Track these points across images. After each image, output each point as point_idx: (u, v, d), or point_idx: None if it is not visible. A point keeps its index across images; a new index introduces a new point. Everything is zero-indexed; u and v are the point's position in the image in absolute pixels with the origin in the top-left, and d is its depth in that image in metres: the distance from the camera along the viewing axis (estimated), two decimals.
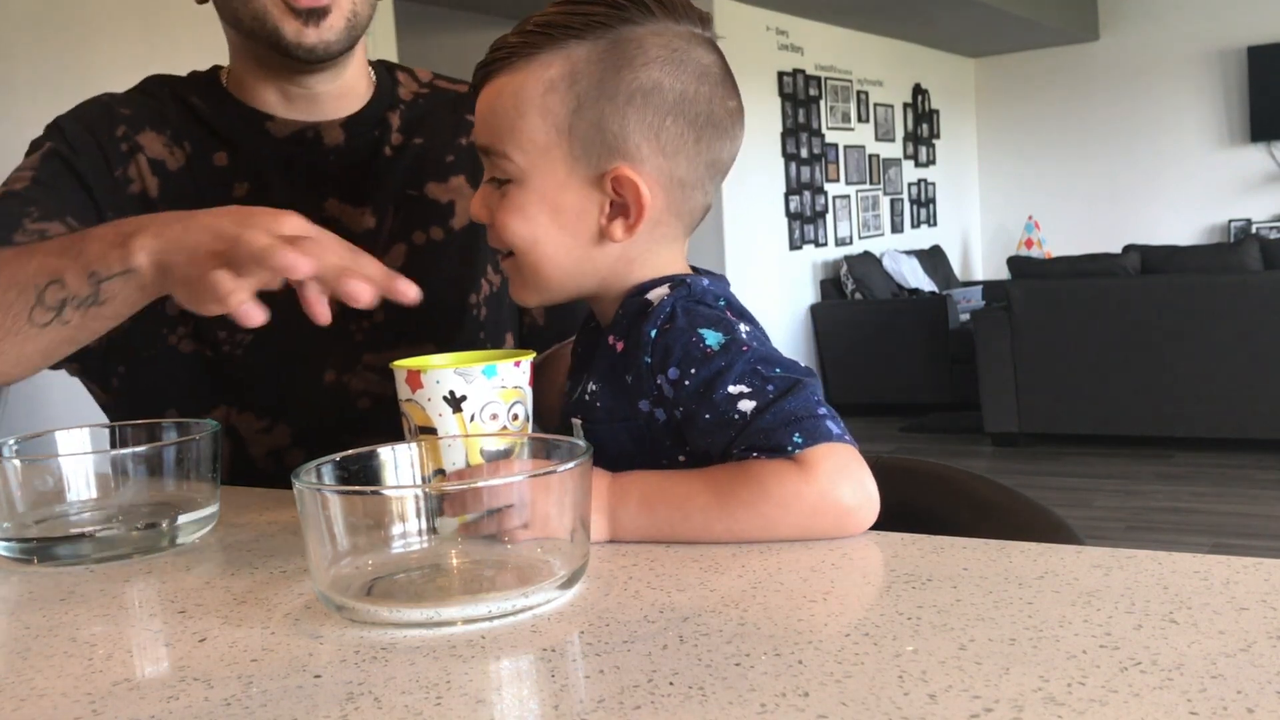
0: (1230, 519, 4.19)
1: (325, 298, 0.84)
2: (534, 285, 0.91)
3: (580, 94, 0.85)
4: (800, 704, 0.51)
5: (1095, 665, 0.53)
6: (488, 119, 0.89)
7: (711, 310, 0.86)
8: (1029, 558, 0.70)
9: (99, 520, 0.88)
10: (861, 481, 0.77)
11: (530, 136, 0.86)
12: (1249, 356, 4.97)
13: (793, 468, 0.77)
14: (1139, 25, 8.56)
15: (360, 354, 1.22)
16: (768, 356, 0.82)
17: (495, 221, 0.89)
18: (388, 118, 1.28)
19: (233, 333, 1.19)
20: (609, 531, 0.80)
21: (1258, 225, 8.21)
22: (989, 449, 5.62)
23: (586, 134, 0.85)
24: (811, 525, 0.76)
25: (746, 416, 0.79)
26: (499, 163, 0.88)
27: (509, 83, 0.87)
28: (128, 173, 1.20)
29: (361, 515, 0.69)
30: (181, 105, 1.24)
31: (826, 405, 0.80)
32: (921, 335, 6.66)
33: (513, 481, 0.71)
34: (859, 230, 7.81)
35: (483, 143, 0.89)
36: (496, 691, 0.56)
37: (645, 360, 0.84)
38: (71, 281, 0.90)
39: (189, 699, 0.56)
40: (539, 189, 0.87)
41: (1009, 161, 9.29)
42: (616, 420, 0.86)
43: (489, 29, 6.95)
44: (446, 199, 1.28)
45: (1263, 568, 0.65)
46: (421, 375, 0.82)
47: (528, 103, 0.86)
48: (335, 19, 1.15)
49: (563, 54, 0.85)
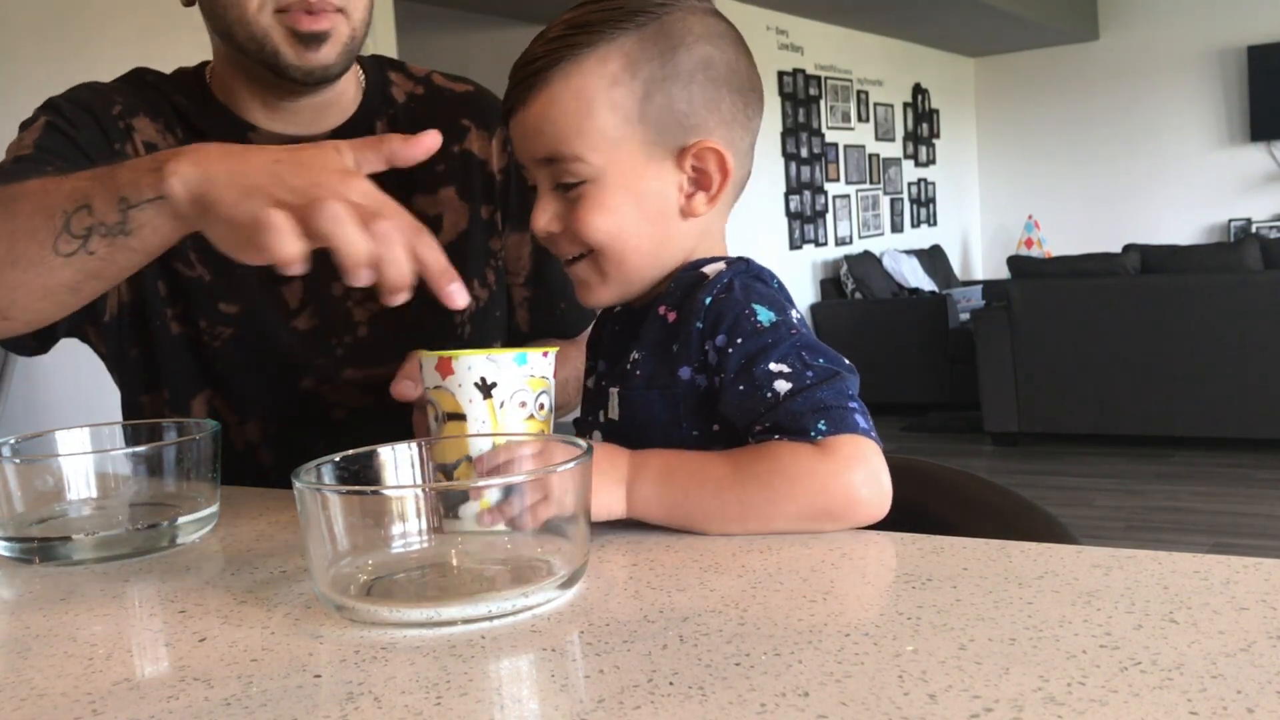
0: (1230, 519, 4.19)
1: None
2: (617, 280, 0.90)
3: (645, 81, 0.86)
4: (800, 704, 0.51)
5: (1095, 665, 0.53)
6: (545, 128, 0.87)
7: (768, 289, 0.88)
8: (1029, 558, 0.70)
9: (99, 520, 0.88)
10: (877, 474, 0.78)
11: (602, 133, 0.86)
12: (1249, 356, 4.97)
13: (811, 450, 0.78)
14: (1139, 25, 8.56)
15: (342, 368, 1.21)
16: (813, 345, 0.84)
17: (572, 226, 0.88)
18: (375, 127, 1.25)
19: (213, 324, 1.19)
20: (625, 506, 0.81)
21: (1258, 225, 8.21)
22: (989, 448, 5.62)
23: (659, 118, 0.87)
24: (819, 506, 0.77)
25: (779, 397, 0.81)
26: (569, 167, 0.87)
27: (564, 87, 0.86)
28: (125, 149, 1.18)
29: (361, 515, 0.69)
30: (168, 103, 1.23)
31: (859, 401, 0.82)
32: (921, 335, 6.66)
33: (543, 471, 0.71)
34: (859, 230, 7.81)
35: (545, 153, 0.88)
36: (496, 691, 0.56)
37: (697, 326, 0.85)
38: (99, 207, 0.85)
39: (189, 699, 0.56)
40: (619, 182, 0.87)
41: (1009, 161, 9.29)
42: (654, 388, 0.88)
43: (489, 29, 6.95)
44: (434, 212, 1.25)
45: (1262, 568, 0.65)
46: (453, 362, 0.83)
47: (593, 100, 0.86)
48: (335, 42, 1.13)
49: (614, 47, 0.86)
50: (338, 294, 1.22)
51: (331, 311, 1.22)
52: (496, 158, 1.30)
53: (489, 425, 0.82)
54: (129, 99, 1.21)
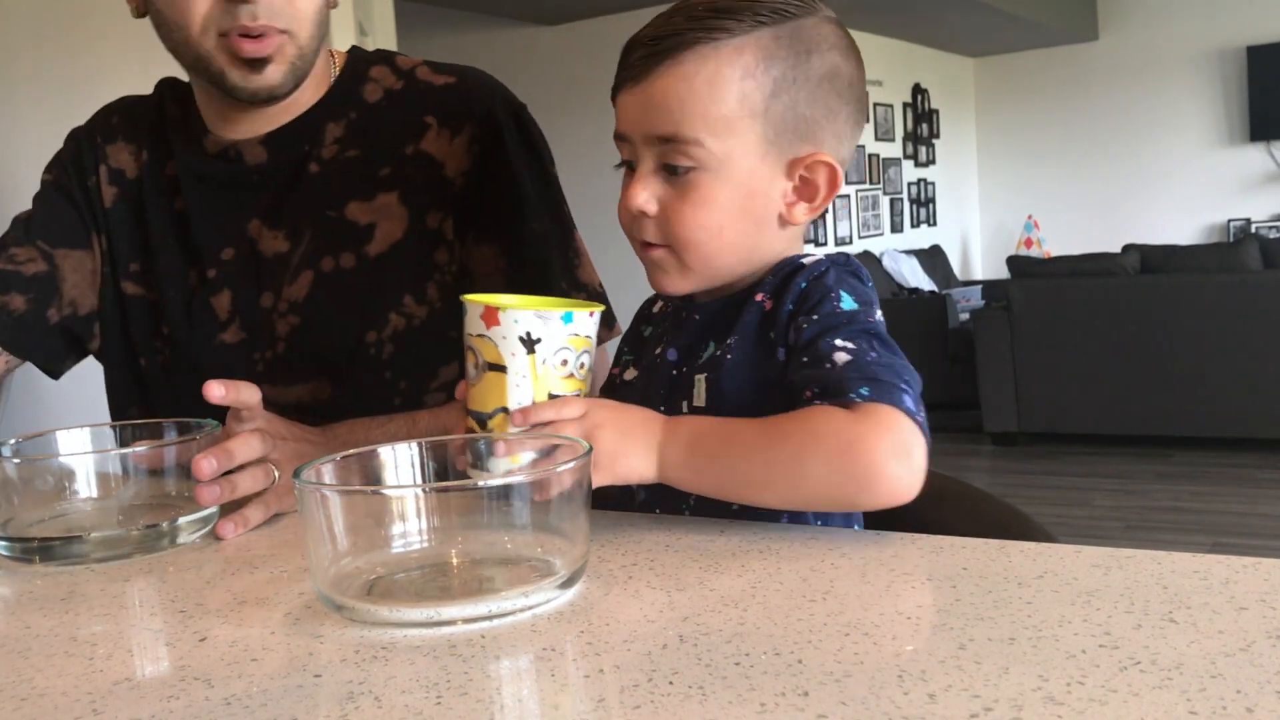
0: (1230, 519, 4.19)
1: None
2: (699, 273, 0.89)
3: (776, 78, 0.85)
4: (800, 704, 0.51)
5: (1095, 665, 0.53)
6: (672, 105, 0.84)
7: (860, 285, 0.87)
8: (1029, 558, 0.70)
9: (99, 520, 0.88)
10: (908, 448, 0.75)
11: (727, 122, 0.85)
12: (1249, 356, 4.97)
13: (845, 412, 0.76)
14: (1139, 25, 8.56)
15: (261, 384, 1.13)
16: (886, 339, 0.83)
17: (671, 215, 0.87)
18: (324, 128, 1.21)
19: (162, 345, 1.23)
20: (656, 469, 0.80)
21: (1257, 225, 8.20)
22: (989, 448, 5.62)
23: (781, 118, 0.86)
24: (841, 469, 0.75)
25: (836, 366, 0.79)
26: (687, 149, 0.85)
27: (698, 68, 0.84)
28: (98, 182, 1.25)
29: (361, 515, 0.69)
30: (163, 111, 1.26)
31: (914, 389, 0.79)
32: (921, 335, 6.64)
33: (549, 471, 0.71)
34: (859, 230, 7.81)
35: (665, 131, 0.85)
36: (496, 691, 0.56)
37: (788, 307, 0.85)
38: None
39: (189, 699, 0.56)
40: (731, 175, 0.86)
41: (1009, 161, 9.28)
42: (747, 371, 0.87)
43: (489, 29, 6.96)
44: (366, 220, 1.19)
45: (1262, 567, 0.65)
46: (500, 313, 0.81)
47: (725, 87, 0.84)
48: (281, 62, 1.12)
49: (752, 39, 0.85)
50: (265, 305, 1.20)
51: (258, 324, 1.20)
52: (459, 158, 1.19)
53: (529, 379, 0.81)
54: (125, 118, 1.27)
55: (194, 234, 1.22)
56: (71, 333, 1.23)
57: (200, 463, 0.87)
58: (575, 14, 6.37)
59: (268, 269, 1.20)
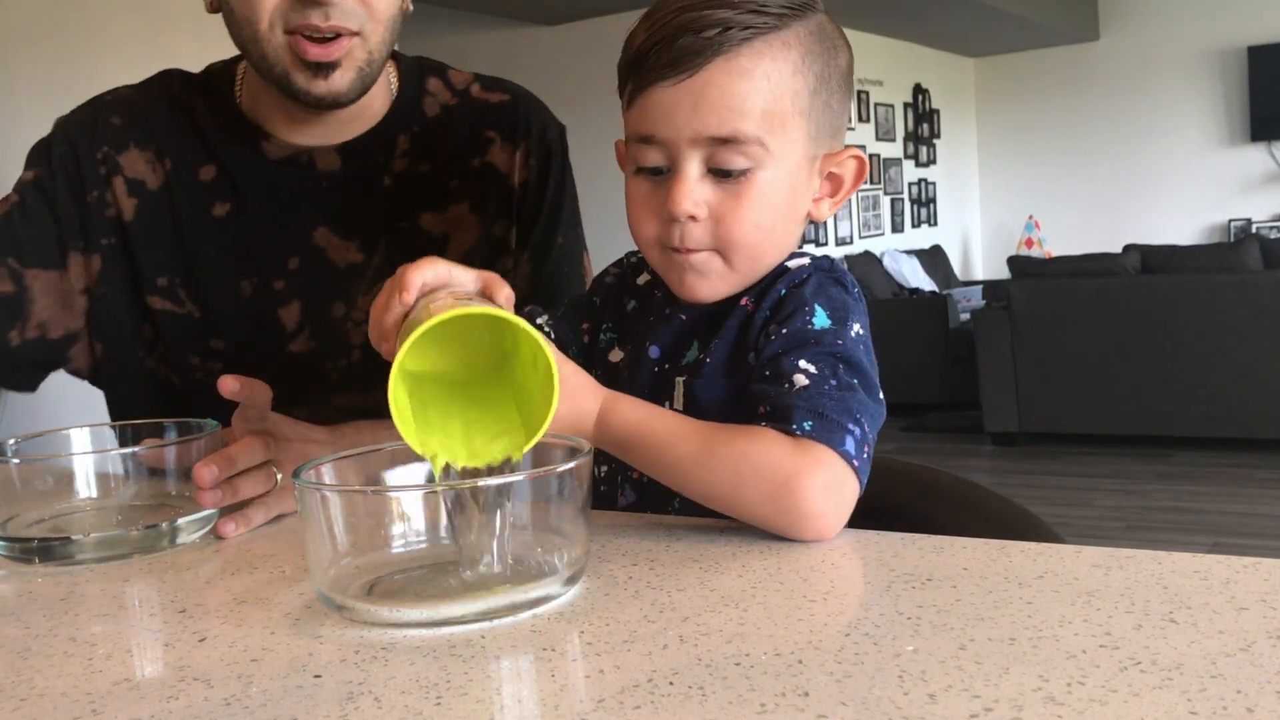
0: (1230, 519, 4.19)
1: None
2: (744, 274, 0.87)
3: (816, 75, 0.84)
4: (800, 704, 0.51)
5: (1095, 665, 0.53)
6: (730, 102, 0.80)
7: (841, 294, 0.85)
8: (1029, 558, 0.70)
9: (99, 520, 0.88)
10: (841, 495, 0.76)
11: (782, 120, 0.82)
12: (1249, 356, 4.97)
13: (787, 442, 0.76)
14: (1139, 25, 8.56)
15: (331, 395, 1.18)
16: (854, 361, 0.81)
17: (725, 218, 0.83)
18: (396, 140, 1.21)
19: (206, 360, 1.18)
20: (593, 424, 0.79)
21: (1258, 225, 8.20)
22: (989, 448, 5.62)
23: (820, 115, 0.85)
24: (772, 502, 0.75)
25: (791, 390, 0.79)
26: (745, 149, 0.81)
27: (755, 64, 0.80)
28: (104, 196, 1.18)
29: (361, 515, 0.69)
30: (183, 110, 1.20)
31: (865, 430, 0.78)
32: (922, 335, 6.65)
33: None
34: (859, 230, 7.81)
35: (723, 130, 0.81)
36: (496, 691, 0.56)
37: (765, 313, 0.84)
38: None
39: (189, 699, 0.56)
40: (783, 174, 0.84)
41: (1009, 161, 9.28)
42: (723, 375, 0.86)
43: (489, 29, 6.95)
44: (440, 231, 1.21)
45: (1262, 567, 0.65)
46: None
47: (780, 84, 0.81)
48: (349, 68, 1.08)
49: (793, 34, 0.83)
50: (337, 315, 1.19)
51: (330, 333, 1.19)
52: (519, 171, 1.24)
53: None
54: (129, 122, 1.20)
55: (250, 241, 1.18)
56: (36, 357, 1.18)
57: (201, 470, 0.87)
58: (575, 14, 6.37)
59: (338, 279, 1.18)
